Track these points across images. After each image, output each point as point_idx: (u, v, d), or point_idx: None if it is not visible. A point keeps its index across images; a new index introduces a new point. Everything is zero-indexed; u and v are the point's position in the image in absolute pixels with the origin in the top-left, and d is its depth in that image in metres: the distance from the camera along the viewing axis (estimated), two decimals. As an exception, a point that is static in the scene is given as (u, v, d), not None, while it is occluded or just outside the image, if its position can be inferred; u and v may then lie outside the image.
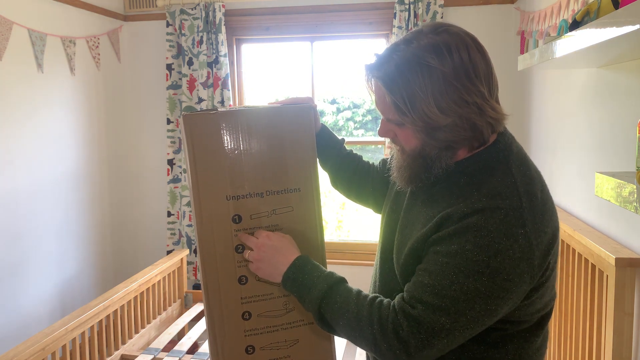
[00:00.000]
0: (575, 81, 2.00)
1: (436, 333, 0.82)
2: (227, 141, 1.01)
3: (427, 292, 0.84)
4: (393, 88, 0.85)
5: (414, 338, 0.83)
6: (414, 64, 0.84)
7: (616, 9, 1.08)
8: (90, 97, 3.09)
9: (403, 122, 0.88)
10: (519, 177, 0.87)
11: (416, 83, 0.83)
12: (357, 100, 5.23)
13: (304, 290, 0.94)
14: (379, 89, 0.90)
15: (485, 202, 0.84)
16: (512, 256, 0.81)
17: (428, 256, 0.87)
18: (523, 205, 0.84)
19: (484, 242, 0.81)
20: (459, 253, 0.82)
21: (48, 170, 2.76)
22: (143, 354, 2.41)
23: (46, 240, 2.75)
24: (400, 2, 2.89)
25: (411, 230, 0.94)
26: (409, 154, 0.93)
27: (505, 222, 0.82)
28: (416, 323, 0.83)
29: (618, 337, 1.46)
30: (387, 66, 0.86)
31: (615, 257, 1.44)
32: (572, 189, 2.02)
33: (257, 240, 1.01)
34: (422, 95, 0.83)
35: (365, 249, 3.25)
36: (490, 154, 0.90)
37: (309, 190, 1.06)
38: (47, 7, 2.73)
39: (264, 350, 1.06)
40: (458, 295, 0.81)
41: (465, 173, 0.90)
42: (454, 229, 0.84)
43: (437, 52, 0.83)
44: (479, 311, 0.82)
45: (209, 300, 1.04)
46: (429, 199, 0.94)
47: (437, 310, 0.82)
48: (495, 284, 0.81)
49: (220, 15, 3.11)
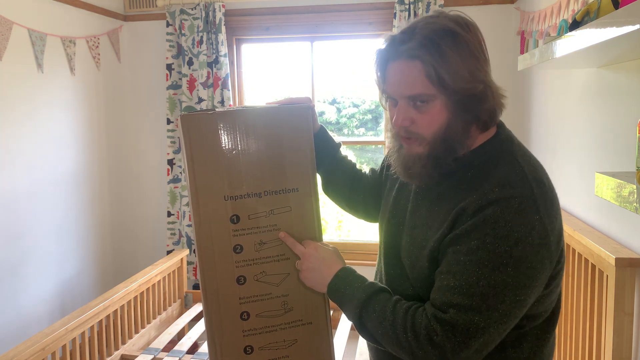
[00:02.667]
0: (575, 81, 1.99)
1: (471, 334, 0.82)
2: (224, 141, 1.00)
3: (456, 294, 0.83)
4: (425, 58, 0.84)
5: (450, 342, 0.82)
6: (442, 33, 0.84)
7: (616, 9, 1.08)
8: (90, 97, 3.09)
9: (434, 95, 0.85)
10: (526, 165, 0.88)
11: (448, 50, 0.83)
12: (357, 100, 5.23)
13: (345, 300, 0.95)
14: (408, 66, 0.86)
15: (498, 192, 0.84)
16: (532, 243, 0.81)
17: (447, 257, 0.86)
18: (534, 192, 0.84)
19: (503, 233, 0.81)
20: (480, 248, 0.82)
21: (48, 170, 2.76)
22: (143, 354, 2.41)
23: (46, 240, 2.75)
24: (400, 2, 2.89)
25: (425, 231, 0.93)
26: (430, 140, 0.89)
27: (521, 210, 0.82)
28: (450, 327, 0.82)
29: (618, 337, 1.46)
30: (414, 41, 0.85)
31: (615, 257, 1.44)
32: (572, 189, 2.01)
33: (305, 250, 1.03)
34: (455, 62, 0.83)
35: (366, 249, 3.25)
36: (493, 145, 0.92)
37: (307, 190, 1.06)
38: (47, 7, 2.73)
39: (262, 350, 1.06)
40: (487, 290, 0.81)
41: (472, 166, 0.90)
42: (470, 224, 0.84)
43: (459, 24, 0.86)
44: (510, 303, 0.82)
45: (207, 300, 1.04)
46: (438, 198, 0.93)
47: (468, 310, 0.82)
48: (521, 273, 0.81)
49: (220, 15, 3.11)
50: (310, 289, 1.05)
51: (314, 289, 1.03)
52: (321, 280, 1.00)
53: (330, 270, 1.00)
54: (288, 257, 1.05)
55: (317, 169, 1.19)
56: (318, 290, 1.03)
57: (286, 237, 1.05)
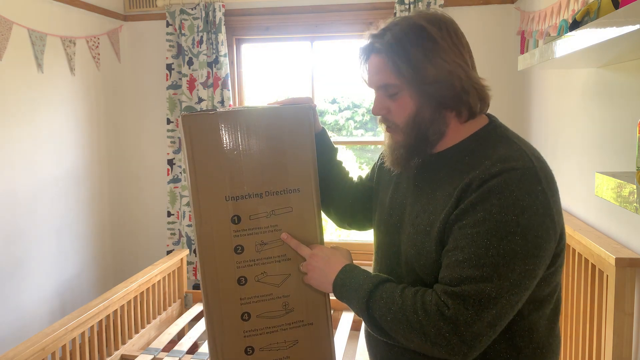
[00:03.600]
0: (575, 81, 1.99)
1: (484, 305, 0.82)
2: (226, 141, 1.00)
3: (465, 267, 0.83)
4: (391, 51, 0.92)
5: (462, 315, 0.82)
6: (409, 29, 0.92)
7: (616, 9, 1.08)
8: (90, 97, 3.09)
9: (401, 85, 0.93)
10: (522, 145, 0.93)
11: (413, 44, 0.91)
12: (357, 100, 5.23)
13: (351, 293, 0.95)
14: (378, 60, 0.94)
15: (500, 166, 0.86)
16: (537, 212, 0.84)
17: (454, 234, 0.87)
18: (535, 164, 0.88)
19: (508, 202, 0.83)
20: (486, 219, 0.83)
21: (48, 170, 2.76)
22: (143, 354, 2.41)
23: (46, 240, 2.75)
24: (400, 2, 2.89)
25: (427, 216, 0.94)
26: (403, 128, 0.95)
27: (524, 180, 0.85)
28: (461, 299, 0.82)
29: (618, 337, 1.46)
30: (385, 37, 0.94)
31: (615, 257, 1.44)
32: (572, 189, 2.02)
33: (311, 251, 1.04)
34: (418, 55, 0.91)
35: (366, 249, 3.25)
36: (487, 131, 0.96)
37: (309, 191, 1.06)
38: (47, 7, 2.73)
39: (263, 351, 1.06)
40: (496, 260, 0.82)
41: (468, 150, 0.94)
42: (475, 197, 0.85)
43: (431, 21, 0.93)
44: (520, 273, 0.82)
45: (208, 301, 1.04)
46: (438, 183, 0.95)
47: (479, 281, 0.82)
48: (529, 241, 0.83)
49: (220, 15, 3.11)
50: (312, 290, 1.05)
51: (320, 289, 1.03)
52: (326, 279, 1.00)
53: (335, 268, 1.00)
54: (289, 258, 1.05)
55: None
56: (323, 291, 1.03)
57: (289, 238, 1.05)
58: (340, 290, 0.98)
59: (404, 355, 0.97)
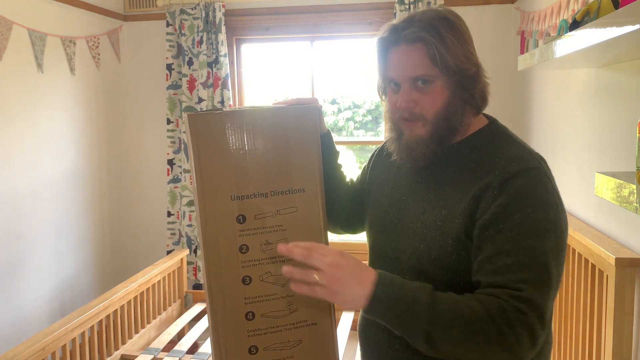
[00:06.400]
0: (575, 81, 2.00)
1: (544, 306, 0.82)
2: (232, 141, 1.01)
3: (517, 270, 0.83)
4: (427, 39, 0.90)
5: (534, 319, 0.81)
6: (439, 19, 0.92)
7: (616, 9, 1.09)
8: (90, 97, 3.09)
9: (436, 76, 0.91)
10: (525, 145, 0.96)
11: (447, 33, 0.91)
12: (357, 101, 5.24)
13: (402, 307, 0.81)
14: (407, 50, 0.92)
15: (516, 165, 0.89)
16: (557, 207, 0.88)
17: (492, 239, 0.86)
18: (541, 164, 0.92)
19: (536, 201, 0.86)
20: (524, 220, 0.85)
21: (48, 170, 2.75)
22: (143, 354, 2.41)
23: (46, 240, 2.74)
24: (400, 2, 2.89)
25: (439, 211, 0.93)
26: (432, 119, 0.94)
27: (539, 180, 0.89)
28: (529, 302, 0.81)
29: (618, 337, 1.47)
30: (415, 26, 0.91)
31: (615, 257, 1.45)
32: (572, 189, 2.02)
33: (328, 259, 0.84)
34: (453, 45, 0.90)
35: (366, 249, 3.24)
36: (491, 129, 0.98)
37: (314, 191, 1.06)
38: (47, 7, 2.72)
39: (267, 351, 1.06)
40: (542, 259, 0.84)
41: (474, 147, 0.96)
42: (504, 199, 0.86)
43: (452, 14, 0.94)
44: (558, 267, 0.85)
45: (212, 300, 1.04)
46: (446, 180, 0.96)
47: (535, 282, 0.82)
48: (557, 237, 0.86)
49: (220, 15, 3.11)
50: None
51: (347, 305, 0.85)
52: (358, 292, 0.83)
53: (367, 279, 0.84)
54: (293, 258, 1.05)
55: None
56: (352, 307, 0.86)
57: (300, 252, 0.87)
58: (385, 305, 0.82)
59: (405, 353, 0.97)
